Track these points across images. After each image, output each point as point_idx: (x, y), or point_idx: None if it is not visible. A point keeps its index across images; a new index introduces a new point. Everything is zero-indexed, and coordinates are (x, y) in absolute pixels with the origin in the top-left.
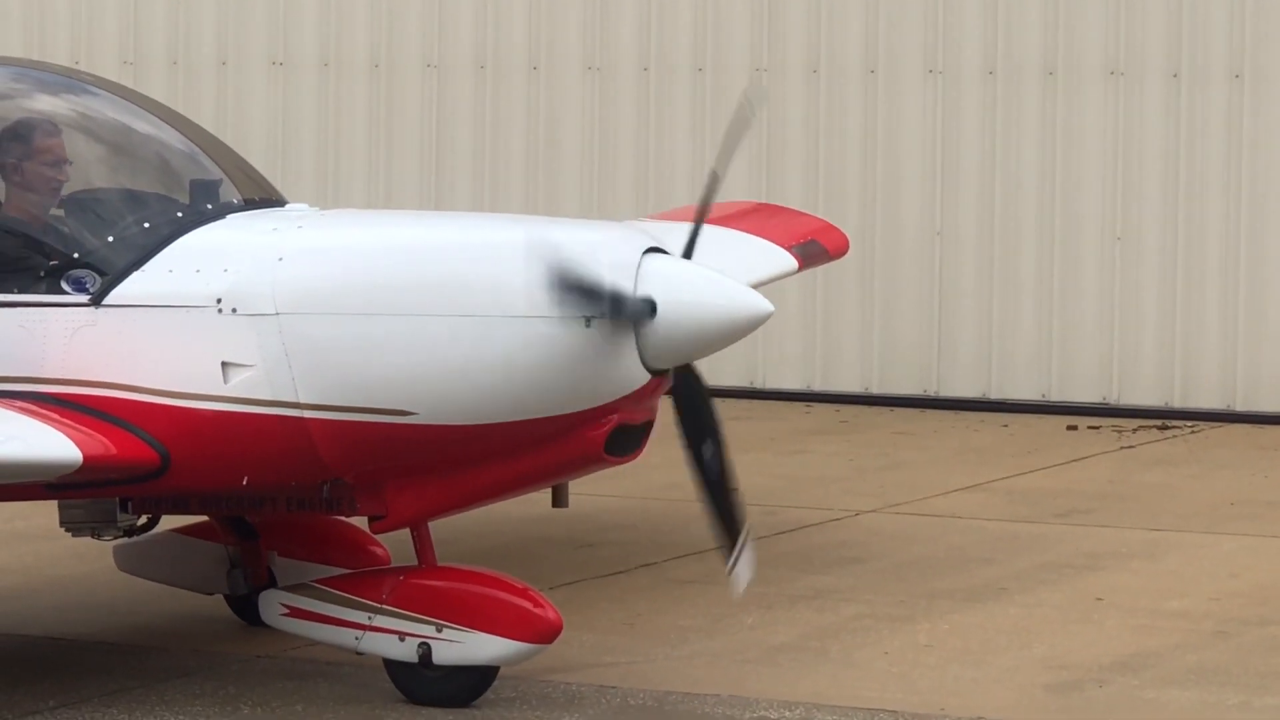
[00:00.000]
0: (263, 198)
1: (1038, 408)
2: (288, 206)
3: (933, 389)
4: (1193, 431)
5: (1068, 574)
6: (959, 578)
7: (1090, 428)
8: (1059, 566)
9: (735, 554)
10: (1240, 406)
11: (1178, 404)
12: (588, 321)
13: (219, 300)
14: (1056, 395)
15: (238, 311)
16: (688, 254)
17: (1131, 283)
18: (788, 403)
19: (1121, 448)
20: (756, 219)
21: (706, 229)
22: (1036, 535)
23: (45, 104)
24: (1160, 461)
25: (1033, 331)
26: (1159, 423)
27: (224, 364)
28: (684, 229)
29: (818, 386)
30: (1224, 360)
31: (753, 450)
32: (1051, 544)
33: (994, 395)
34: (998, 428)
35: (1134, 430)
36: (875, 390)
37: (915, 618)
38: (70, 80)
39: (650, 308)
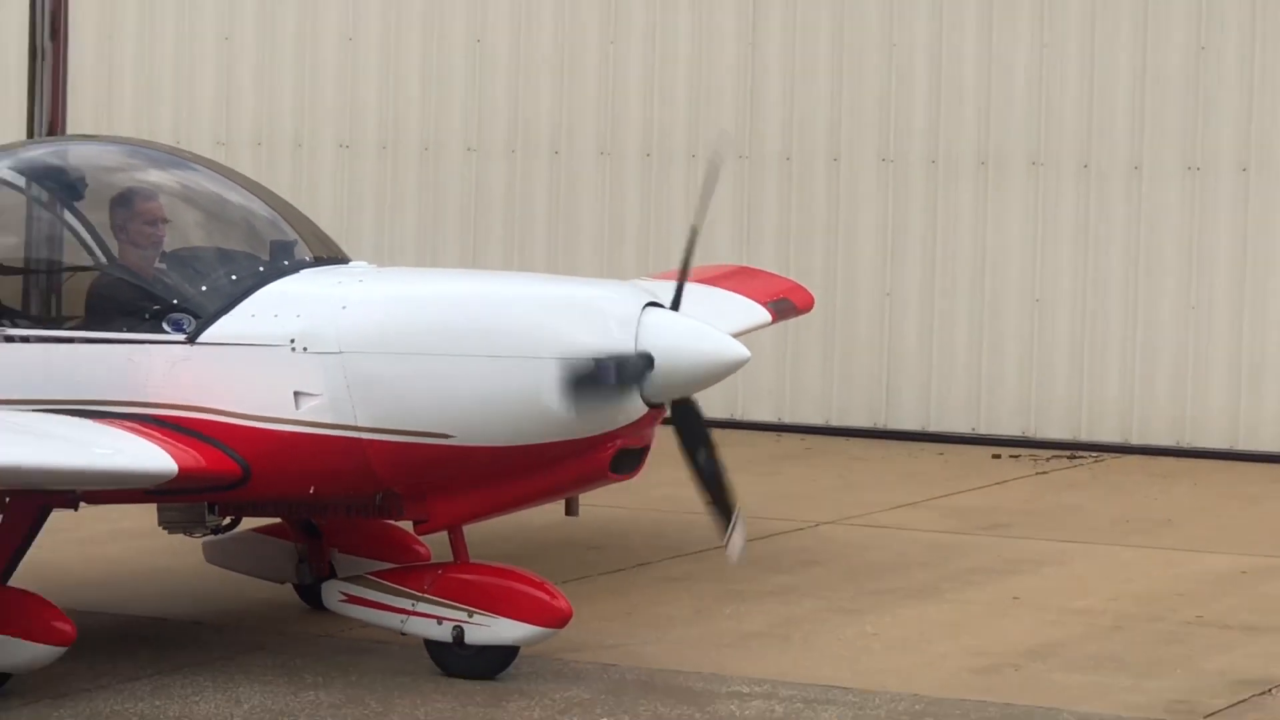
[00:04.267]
0: (330, 256)
1: (968, 439)
2: (351, 264)
3: (881, 422)
4: (1095, 460)
5: (991, 577)
6: (900, 579)
7: (1011, 456)
8: (984, 571)
9: (730, 528)
10: (1136, 440)
11: (1084, 438)
12: (598, 364)
13: (293, 340)
14: (984, 429)
15: (308, 350)
16: (675, 303)
17: (1047, 337)
18: (762, 432)
19: (1037, 473)
20: (738, 279)
21: (697, 288)
22: (965, 545)
23: (152, 176)
24: (1069, 485)
25: (964, 376)
26: (1069, 453)
27: (296, 393)
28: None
29: (787, 419)
30: (1122, 401)
31: (732, 472)
32: (977, 552)
33: (932, 428)
34: (935, 455)
35: (1048, 459)
36: (834, 423)
37: (864, 611)
38: (173, 156)
39: (649, 361)
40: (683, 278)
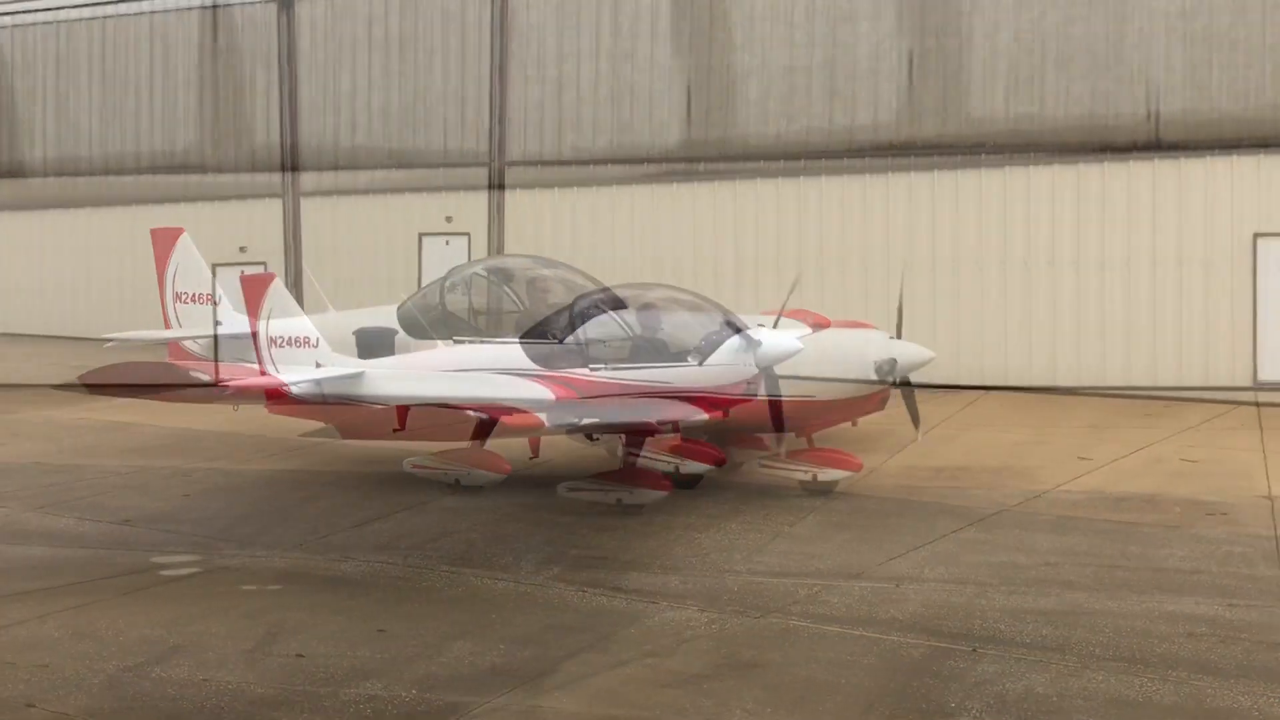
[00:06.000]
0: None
1: None
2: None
3: None
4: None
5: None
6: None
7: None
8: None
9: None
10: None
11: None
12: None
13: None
14: None
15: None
16: (775, 324)
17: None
18: None
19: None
20: (798, 314)
21: (786, 320)
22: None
23: (543, 270)
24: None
25: None
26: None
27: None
28: (774, 320)
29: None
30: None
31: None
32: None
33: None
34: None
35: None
36: None
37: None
38: (549, 261)
39: (759, 341)
40: (779, 314)
